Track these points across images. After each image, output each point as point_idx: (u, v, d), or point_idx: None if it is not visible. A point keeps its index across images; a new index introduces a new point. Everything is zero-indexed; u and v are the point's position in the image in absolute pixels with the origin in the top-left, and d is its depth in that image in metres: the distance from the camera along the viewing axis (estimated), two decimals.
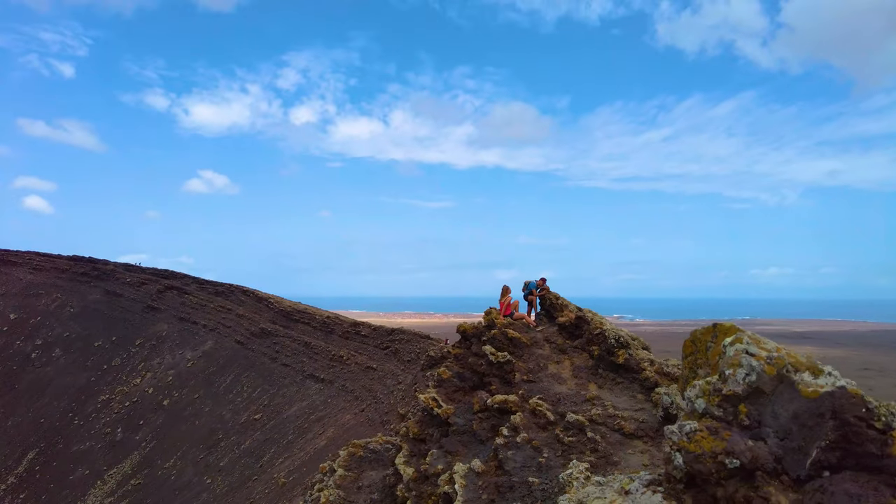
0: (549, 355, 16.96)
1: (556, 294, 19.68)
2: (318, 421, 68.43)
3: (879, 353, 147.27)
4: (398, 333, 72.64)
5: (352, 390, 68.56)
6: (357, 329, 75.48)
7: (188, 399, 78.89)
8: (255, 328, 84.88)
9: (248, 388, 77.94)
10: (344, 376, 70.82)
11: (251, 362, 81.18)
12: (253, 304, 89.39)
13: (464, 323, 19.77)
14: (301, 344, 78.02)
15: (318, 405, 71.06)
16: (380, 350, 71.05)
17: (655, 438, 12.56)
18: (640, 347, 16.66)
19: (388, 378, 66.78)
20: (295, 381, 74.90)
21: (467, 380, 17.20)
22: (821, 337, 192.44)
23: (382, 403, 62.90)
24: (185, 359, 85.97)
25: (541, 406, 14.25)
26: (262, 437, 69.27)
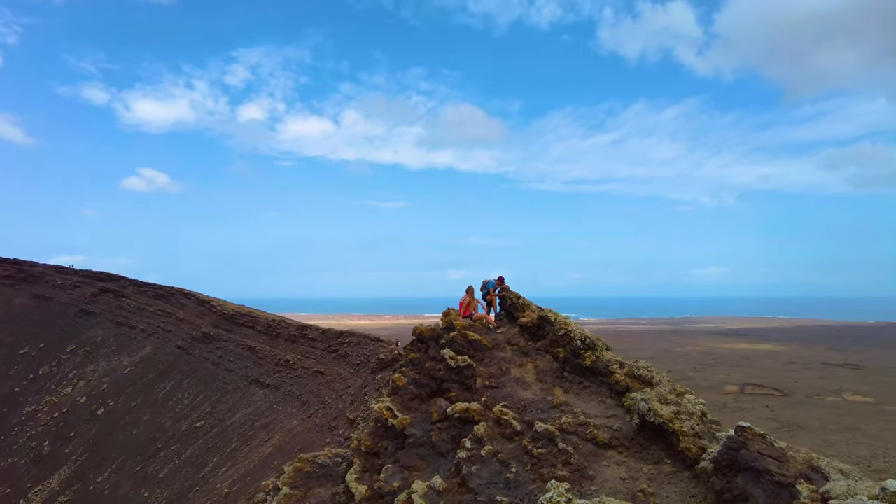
0: (511, 358, 15.94)
1: (517, 293, 18.72)
2: (263, 428, 65.82)
3: (805, 347, 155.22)
4: (347, 336, 70.75)
5: (299, 395, 66.24)
6: (304, 332, 73.11)
7: (125, 408, 74.56)
8: (197, 332, 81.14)
9: (189, 394, 74.37)
10: (291, 381, 68.40)
11: (193, 368, 77.52)
12: (195, 307, 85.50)
13: (420, 325, 18.54)
14: (245, 348, 75.01)
15: (263, 411, 68.38)
16: (328, 353, 68.97)
17: (631, 448, 11.68)
18: (605, 348, 15.88)
19: (336, 382, 64.85)
20: (239, 386, 71.89)
21: (425, 386, 15.97)
22: (753, 333, 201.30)
23: (331, 408, 60.99)
24: (122, 365, 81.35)
25: (506, 414, 13.17)
26: (205, 445, 66.08)
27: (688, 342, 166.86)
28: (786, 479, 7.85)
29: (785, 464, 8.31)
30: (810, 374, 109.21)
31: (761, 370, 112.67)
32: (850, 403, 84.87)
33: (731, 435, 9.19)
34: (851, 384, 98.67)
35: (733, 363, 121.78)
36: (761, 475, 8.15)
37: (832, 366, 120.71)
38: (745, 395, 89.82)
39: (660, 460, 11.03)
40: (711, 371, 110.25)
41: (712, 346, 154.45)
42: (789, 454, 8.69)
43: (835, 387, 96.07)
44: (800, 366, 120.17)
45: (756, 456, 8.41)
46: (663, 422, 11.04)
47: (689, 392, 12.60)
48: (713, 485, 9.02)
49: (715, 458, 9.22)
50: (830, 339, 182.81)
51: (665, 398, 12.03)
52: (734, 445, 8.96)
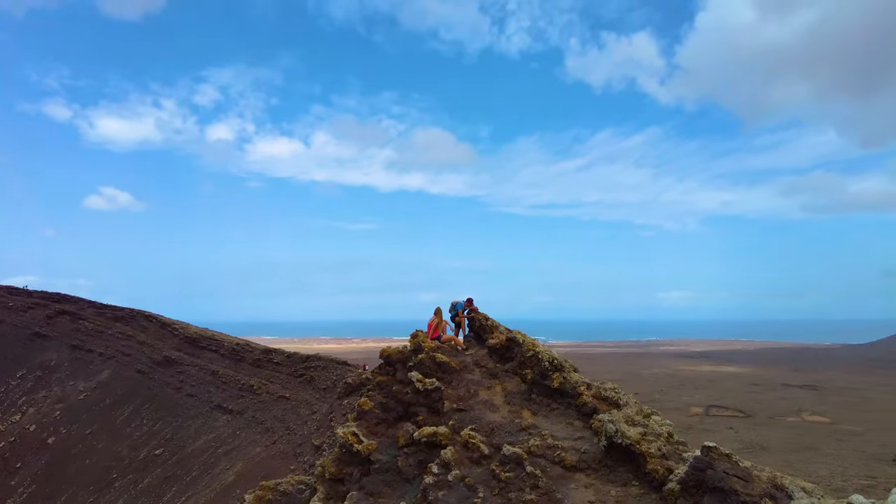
0: (479, 380, 15.80)
1: (486, 315, 18.66)
2: (225, 455, 63.73)
3: (766, 369, 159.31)
4: (313, 360, 69.46)
5: (263, 421, 64.51)
6: (269, 356, 71.54)
7: (79, 435, 71.36)
8: (157, 356, 78.61)
9: (148, 420, 71.69)
10: (255, 406, 66.63)
11: (153, 393, 74.89)
12: (156, 330, 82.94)
13: (388, 347, 18.28)
14: (208, 373, 72.91)
15: (226, 438, 66.30)
16: (293, 378, 67.54)
17: (599, 470, 11.61)
18: (572, 370, 15.89)
19: (302, 407, 63.45)
20: (201, 412, 69.68)
21: (391, 410, 15.67)
22: (717, 356, 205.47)
23: (296, 434, 59.51)
24: (78, 391, 78.07)
25: (474, 438, 12.98)
26: (164, 473, 63.59)
27: (654, 364, 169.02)
28: (751, 498, 7.90)
29: (750, 483, 8.36)
30: (771, 396, 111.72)
31: (725, 392, 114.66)
32: (809, 424, 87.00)
33: (697, 455, 9.22)
34: (810, 405, 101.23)
35: (698, 385, 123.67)
36: (728, 495, 8.17)
37: (792, 387, 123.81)
38: (710, 416, 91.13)
39: (627, 482, 10.99)
40: (677, 393, 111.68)
41: (678, 369, 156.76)
42: (754, 473, 8.76)
43: (794, 407, 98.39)
44: (761, 387, 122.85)
45: (722, 476, 8.46)
46: (631, 443, 11.04)
47: (655, 413, 12.66)
48: None
49: (682, 479, 9.21)
50: (790, 360, 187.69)
51: (632, 419, 12.06)
52: (701, 465, 8.99)
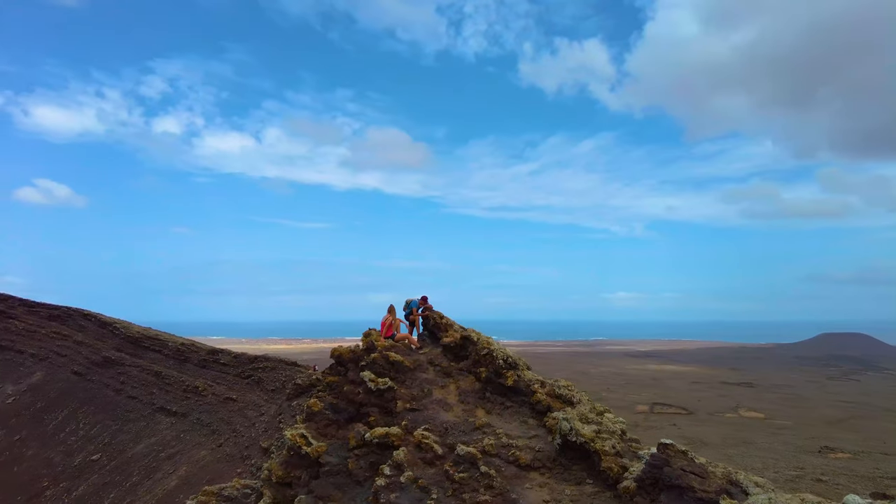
0: (433, 379, 15.54)
1: (440, 313, 18.43)
2: (168, 459, 61.37)
3: (707, 368, 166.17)
4: (262, 361, 67.66)
5: (209, 423, 62.42)
6: (215, 357, 69.25)
7: (6, 442, 67.24)
8: (96, 357, 74.94)
9: (85, 424, 68.23)
10: (200, 408, 64.40)
11: (91, 395, 71.34)
12: (95, 329, 79.06)
13: (339, 346, 17.80)
14: (151, 374, 69.97)
15: (169, 441, 63.84)
16: (241, 379, 65.61)
17: (554, 469, 11.53)
18: (526, 368, 15.85)
19: (249, 409, 61.71)
20: (143, 415, 66.86)
21: (342, 411, 15.23)
22: (660, 355, 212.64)
23: (243, 437, 57.82)
24: (6, 394, 73.57)
25: (427, 438, 12.71)
26: (101, 480, 60.68)
27: (601, 364, 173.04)
28: (707, 495, 7.94)
29: (706, 479, 8.42)
30: (712, 393, 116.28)
31: (669, 390, 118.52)
32: (745, 419, 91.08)
33: (654, 453, 9.24)
34: (746, 401, 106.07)
35: (643, 384, 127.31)
36: (684, 492, 8.19)
37: (730, 384, 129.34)
38: (655, 414, 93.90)
39: (582, 481, 10.96)
40: (624, 392, 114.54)
41: (624, 368, 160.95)
42: (709, 470, 8.83)
43: (732, 404, 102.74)
44: (703, 385, 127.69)
45: (679, 473, 8.48)
46: (585, 441, 11.01)
47: (608, 411, 12.72)
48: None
49: (639, 477, 9.21)
50: (728, 360, 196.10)
51: (586, 417, 12.06)
52: (657, 463, 9.00)
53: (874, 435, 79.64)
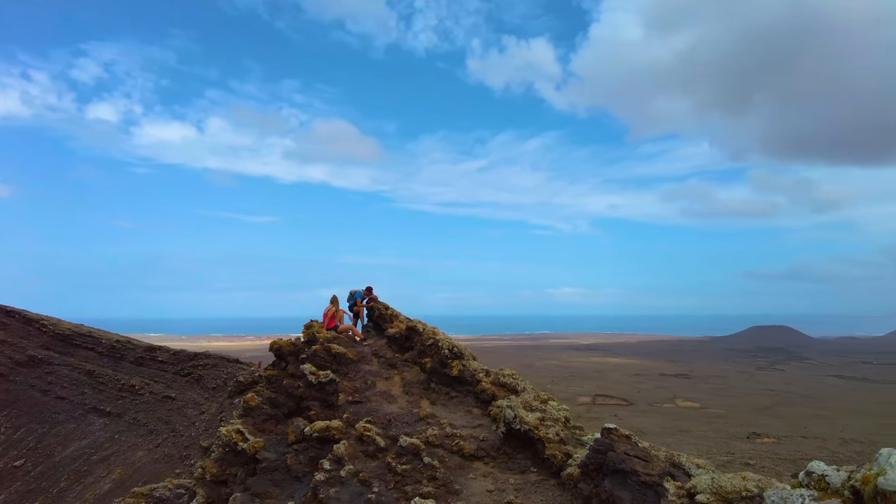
0: (377, 371, 15.20)
1: (385, 304, 18.08)
2: (101, 462, 58.35)
3: (647, 360, 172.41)
4: (202, 358, 65.11)
5: (145, 423, 59.71)
6: (153, 354, 66.19)
7: None
8: (21, 356, 70.33)
9: (7, 429, 63.97)
10: (136, 408, 61.49)
11: (14, 397, 66.91)
12: (20, 327, 74.14)
13: (279, 339, 17.21)
14: (83, 372, 66.23)
15: (102, 443, 60.70)
16: (180, 377, 62.99)
17: (498, 458, 11.42)
18: (472, 358, 15.73)
19: (189, 408, 59.37)
20: (73, 416, 63.27)
21: (282, 406, 14.69)
22: (603, 348, 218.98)
23: (182, 437, 55.60)
24: None
25: (369, 431, 12.37)
26: (24, 487, 57.08)
27: (546, 357, 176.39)
28: (651, 478, 7.97)
29: (650, 463, 8.46)
30: (651, 385, 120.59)
31: (610, 382, 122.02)
32: (682, 409, 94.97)
33: (598, 438, 9.23)
34: (683, 392, 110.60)
35: (586, 376, 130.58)
36: (628, 476, 8.20)
37: (668, 376, 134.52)
38: (597, 405, 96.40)
39: (526, 469, 10.89)
40: (567, 384, 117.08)
41: (568, 361, 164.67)
42: (653, 454, 8.90)
43: (670, 395, 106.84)
44: (642, 377, 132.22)
45: (623, 457, 8.48)
46: (529, 428, 10.95)
47: (552, 399, 12.74)
48: (581, 491, 8.96)
49: (583, 463, 9.18)
50: (667, 352, 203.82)
51: (530, 405, 12.01)
52: (601, 448, 8.99)
53: (796, 420, 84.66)
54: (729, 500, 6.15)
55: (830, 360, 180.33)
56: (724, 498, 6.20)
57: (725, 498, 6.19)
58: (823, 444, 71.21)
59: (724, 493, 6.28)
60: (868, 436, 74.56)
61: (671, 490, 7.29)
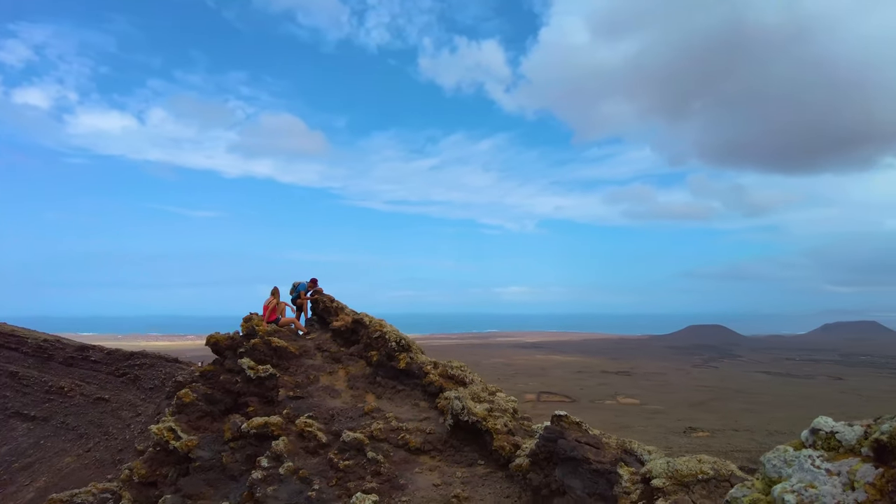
0: (321, 365, 14.63)
1: (331, 296, 17.47)
2: (24, 469, 54.69)
3: (589, 357, 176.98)
4: (139, 357, 62.09)
5: (75, 427, 56.36)
6: (85, 353, 62.60)
7: None
8: None
9: None
10: (65, 411, 57.97)
11: None
12: None
13: (216, 333, 16.35)
14: (4, 375, 62.05)
15: (25, 449, 56.90)
16: (114, 377, 59.82)
17: (444, 451, 11.11)
18: (420, 351, 15.40)
19: (124, 409, 56.48)
20: None
21: (218, 402, 13.93)
22: (548, 346, 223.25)
23: (116, 440, 52.80)
24: None
25: (311, 426, 11.83)
26: None
27: (493, 355, 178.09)
28: (603, 465, 7.84)
29: (602, 450, 8.33)
30: (593, 382, 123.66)
31: (555, 379, 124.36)
32: (623, 405, 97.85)
33: (548, 425, 9.05)
34: (624, 388, 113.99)
35: (531, 374, 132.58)
36: (580, 464, 8.03)
37: (610, 373, 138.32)
38: (541, 402, 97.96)
39: (473, 462, 10.65)
40: (513, 381, 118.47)
41: (514, 359, 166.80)
42: (604, 441, 8.79)
43: (611, 392, 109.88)
44: (585, 374, 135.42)
45: (574, 444, 8.31)
46: (477, 420, 10.69)
47: (500, 390, 12.57)
48: (530, 481, 8.75)
49: (532, 452, 8.97)
50: (609, 350, 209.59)
51: (478, 396, 11.79)
52: (552, 436, 8.80)
53: (728, 415, 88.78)
54: (685, 483, 6.06)
55: (759, 357, 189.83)
56: (680, 482, 6.11)
57: (681, 482, 6.10)
58: (752, 436, 75.02)
59: (681, 477, 6.19)
60: (790, 427, 79.20)
61: (625, 476, 7.17)
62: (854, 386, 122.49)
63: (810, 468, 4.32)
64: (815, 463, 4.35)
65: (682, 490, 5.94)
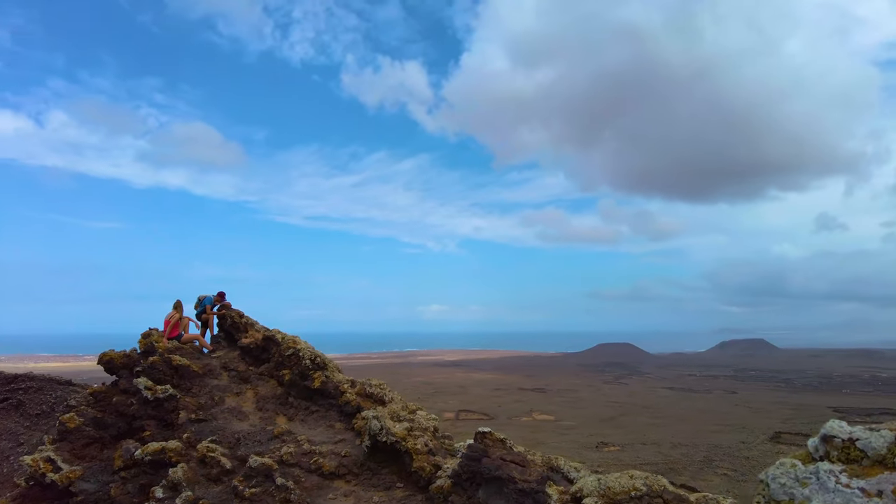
0: (227, 385, 13.54)
1: (240, 311, 16.34)
2: None
3: (507, 375, 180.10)
4: (23, 380, 56.30)
5: None
6: None
7: None
8: None
9: None
10: None
11: None
12: None
13: (109, 351, 14.83)
14: None
15: None
16: None
17: (361, 475, 10.44)
18: (336, 370, 14.68)
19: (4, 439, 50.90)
20: None
21: (109, 427, 12.53)
22: (467, 364, 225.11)
23: None
24: None
25: (213, 451, 10.81)
26: None
27: (413, 374, 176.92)
28: (529, 485, 7.50)
29: (527, 468, 8.01)
30: (510, 399, 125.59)
31: (474, 397, 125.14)
32: (539, 422, 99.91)
33: (471, 444, 8.64)
34: (539, 405, 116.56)
35: (451, 392, 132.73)
36: (504, 484, 7.64)
37: (526, 390, 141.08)
38: (461, 420, 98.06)
39: (392, 485, 10.08)
40: (433, 400, 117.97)
41: (433, 377, 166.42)
42: (528, 458, 8.49)
43: (527, 408, 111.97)
44: (502, 391, 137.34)
45: (499, 463, 7.93)
46: (396, 440, 10.15)
47: (420, 409, 12.10)
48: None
49: (455, 473, 8.50)
50: (525, 367, 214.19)
51: (398, 415, 11.25)
52: (475, 454, 8.37)
53: (636, 429, 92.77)
54: (618, 501, 5.84)
55: (664, 373, 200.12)
56: (612, 500, 5.87)
57: (614, 499, 5.87)
58: (658, 448, 78.67)
59: (613, 495, 5.95)
60: (692, 439, 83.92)
61: (554, 496, 6.85)
62: (745, 399, 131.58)
63: (837, 488, 3.38)
64: (840, 480, 3.41)
65: None
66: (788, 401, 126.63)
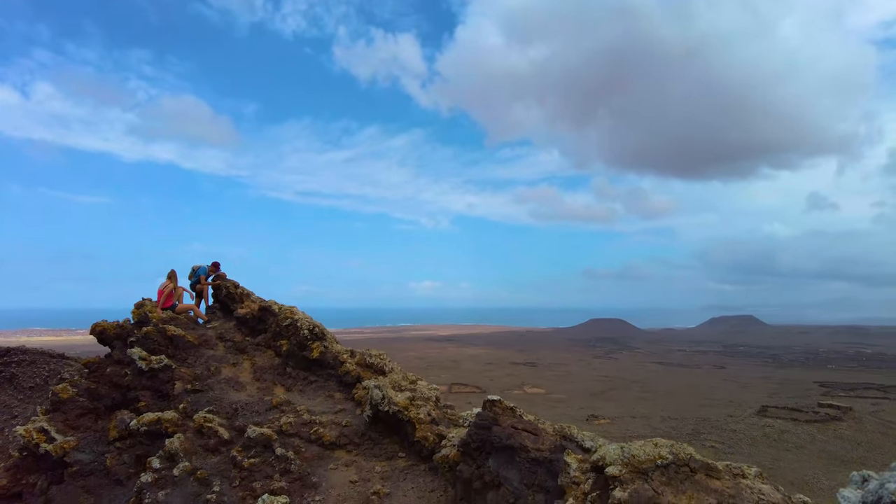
0: (223, 356, 13.33)
1: (235, 282, 16.05)
2: None
3: (498, 350, 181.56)
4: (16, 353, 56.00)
5: None
6: None
7: None
8: None
9: None
10: None
11: None
12: None
13: (102, 322, 14.56)
14: None
15: None
16: None
17: (362, 445, 10.31)
18: (335, 341, 14.50)
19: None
20: None
21: (103, 398, 12.30)
22: (459, 339, 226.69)
23: None
24: None
25: (210, 421, 10.63)
26: None
27: (406, 348, 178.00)
28: (542, 454, 7.34)
29: (539, 437, 7.84)
30: (502, 373, 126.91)
31: (466, 371, 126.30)
32: (530, 395, 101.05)
33: (479, 412, 8.47)
34: (530, 379, 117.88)
35: (443, 366, 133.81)
36: (517, 453, 7.46)
37: (517, 364, 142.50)
38: (453, 393, 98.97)
39: (394, 455, 9.97)
40: (426, 373, 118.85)
41: (426, 352, 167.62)
42: (540, 426, 8.33)
43: (519, 382, 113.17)
44: (494, 366, 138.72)
45: (510, 432, 7.76)
46: (398, 410, 10.00)
47: (421, 379, 11.96)
48: (460, 473, 8.10)
49: (463, 441, 8.32)
50: (516, 342, 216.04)
51: (399, 385, 11.10)
52: (485, 423, 8.19)
53: (626, 403, 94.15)
54: (643, 470, 5.68)
55: (654, 348, 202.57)
56: (637, 469, 5.71)
57: (639, 468, 5.71)
58: (647, 421, 79.87)
59: (638, 463, 5.79)
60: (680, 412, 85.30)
61: (573, 465, 6.67)
62: (733, 374, 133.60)
63: None
64: None
65: (640, 478, 5.59)
66: (775, 376, 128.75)
